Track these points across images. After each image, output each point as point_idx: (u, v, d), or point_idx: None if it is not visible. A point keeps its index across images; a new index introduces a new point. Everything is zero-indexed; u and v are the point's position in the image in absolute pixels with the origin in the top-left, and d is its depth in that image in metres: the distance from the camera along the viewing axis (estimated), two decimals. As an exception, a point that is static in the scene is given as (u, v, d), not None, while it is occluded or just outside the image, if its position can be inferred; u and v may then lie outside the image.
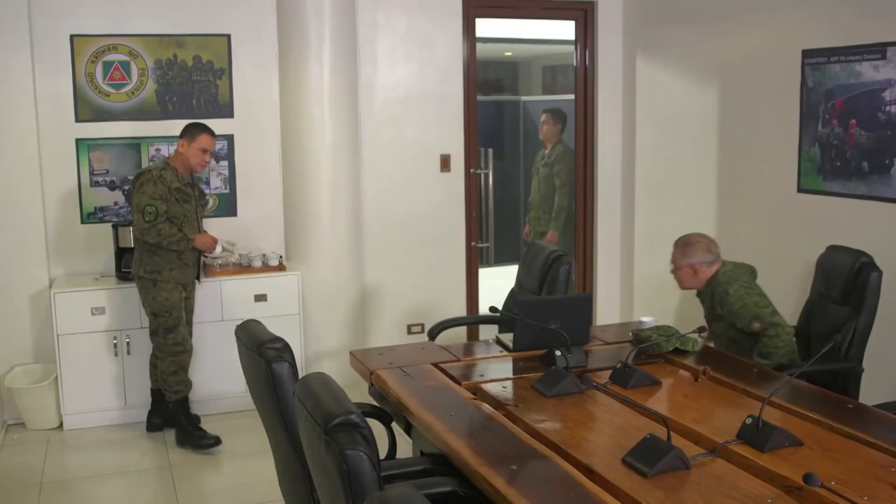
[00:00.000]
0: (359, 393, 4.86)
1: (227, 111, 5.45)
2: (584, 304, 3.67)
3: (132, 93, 5.26)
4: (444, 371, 3.41)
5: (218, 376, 5.13)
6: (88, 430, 4.97)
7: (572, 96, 6.45)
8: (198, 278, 4.92)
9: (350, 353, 3.71)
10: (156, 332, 4.71)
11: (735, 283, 3.83)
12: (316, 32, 5.34)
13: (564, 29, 8.11)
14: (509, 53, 9.99)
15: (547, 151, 6.69)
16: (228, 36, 5.39)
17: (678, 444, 2.54)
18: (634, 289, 6.30)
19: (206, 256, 5.00)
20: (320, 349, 5.57)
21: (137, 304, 4.97)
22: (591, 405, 3.04)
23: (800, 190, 4.89)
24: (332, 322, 5.58)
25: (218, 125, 5.36)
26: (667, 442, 2.52)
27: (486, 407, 3.01)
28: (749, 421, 2.69)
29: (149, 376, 4.94)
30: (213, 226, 5.47)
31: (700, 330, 3.46)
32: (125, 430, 5.00)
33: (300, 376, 2.71)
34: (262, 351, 2.60)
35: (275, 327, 5.11)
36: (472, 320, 5.60)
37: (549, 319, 3.55)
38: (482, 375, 3.37)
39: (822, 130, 4.71)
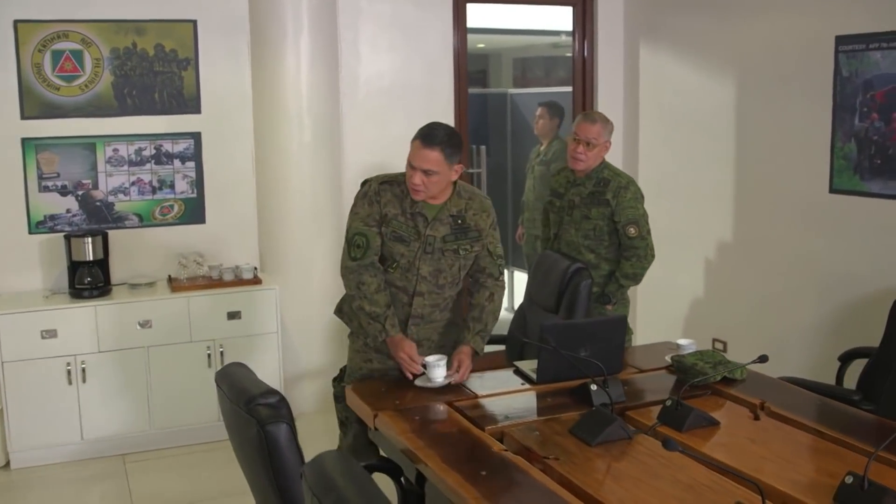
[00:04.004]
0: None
1: (193, 106, 4.87)
2: (618, 327, 3.17)
3: (85, 86, 4.67)
4: (461, 412, 2.89)
5: (184, 405, 4.58)
6: (40, 469, 4.38)
7: (569, 88, 5.97)
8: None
9: (346, 389, 3.18)
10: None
11: (635, 185, 4.07)
12: (293, 18, 4.80)
13: (551, 18, 7.65)
14: (482, 45, 9.58)
15: (543, 148, 6.21)
16: (194, 22, 4.82)
17: (771, 514, 2.05)
18: (638, 298, 5.83)
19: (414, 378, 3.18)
20: (300, 370, 5.03)
21: (94, 324, 4.40)
22: (646, 456, 2.54)
23: (832, 190, 4.44)
24: (314, 340, 5.04)
25: (183, 122, 4.88)
26: (763, 515, 2.02)
27: (521, 461, 2.50)
28: (850, 480, 2.20)
29: None
30: (178, 235, 4.92)
31: (762, 359, 2.97)
32: (82, 467, 4.42)
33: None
34: (252, 409, 2.06)
35: (250, 347, 4.69)
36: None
37: (579, 346, 3.06)
38: (507, 417, 2.85)
39: (859, 125, 4.26)
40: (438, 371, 3.06)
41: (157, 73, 4.79)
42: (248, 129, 5.00)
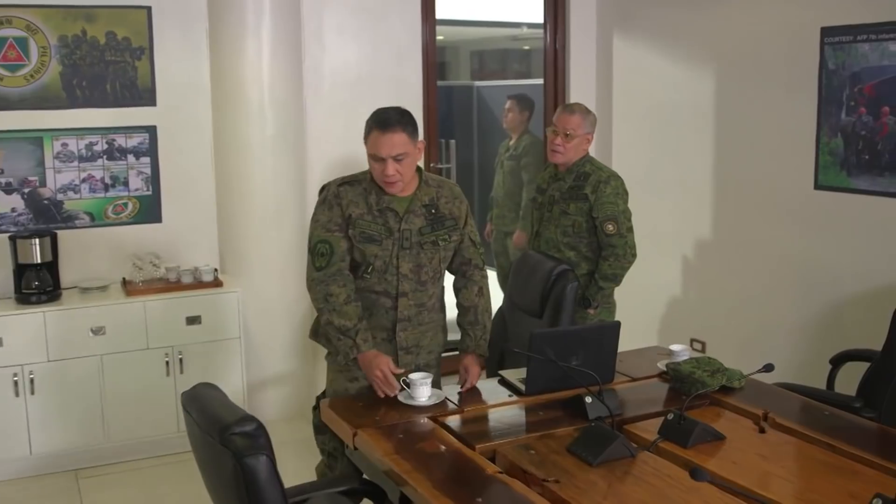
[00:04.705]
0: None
1: (148, 98, 4.59)
2: (611, 334, 2.98)
3: (31, 76, 4.36)
4: (447, 428, 2.68)
5: (141, 416, 4.31)
6: (-16, 488, 4.10)
7: (540, 80, 5.79)
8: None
9: (321, 402, 2.95)
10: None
11: (617, 180, 3.84)
12: (253, 4, 4.53)
13: (514, 9, 7.48)
14: (440, 37, 9.44)
15: (512, 142, 6.03)
16: (148, 8, 4.53)
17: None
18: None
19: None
20: (264, 376, 4.77)
21: (43, 332, 4.10)
22: (652, 476, 2.35)
23: (817, 186, 4.31)
24: (278, 345, 4.79)
25: (137, 115, 4.61)
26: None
27: (518, 485, 2.30)
28: (878, 503, 2.03)
29: None
30: (133, 235, 4.65)
31: (767, 368, 2.81)
32: (31, 485, 4.13)
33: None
34: (227, 439, 1.82)
35: (212, 354, 4.43)
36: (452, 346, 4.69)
37: (570, 354, 2.86)
38: (497, 434, 2.65)
39: (846, 119, 4.12)
40: (423, 390, 2.84)
41: (108, 62, 4.50)
42: (207, 123, 4.72)
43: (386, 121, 2.93)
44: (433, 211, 3.07)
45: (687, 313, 5.19)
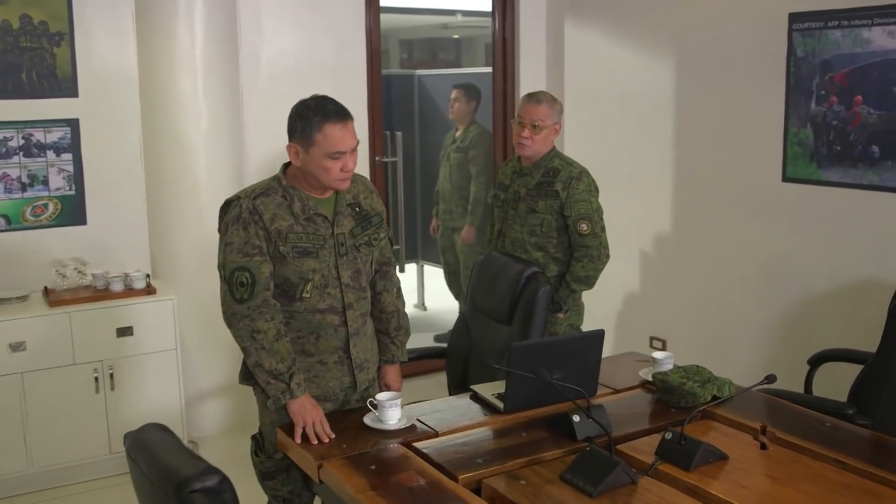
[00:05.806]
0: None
1: (68, 89, 4.20)
2: (595, 344, 2.75)
3: (-65, 64, 3.95)
4: (423, 455, 2.41)
5: (69, 438, 3.94)
6: None
7: (488, 69, 5.54)
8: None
9: (279, 432, 2.64)
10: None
11: (588, 177, 3.60)
12: (185, -14, 4.19)
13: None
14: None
15: (459, 134, 5.77)
16: (68, -11, 4.14)
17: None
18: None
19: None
20: (203, 389, 4.44)
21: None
22: (658, 507, 2.12)
23: (785, 179, 4.15)
24: (217, 355, 4.45)
25: (57, 107, 4.24)
26: None
27: (514, 524, 2.04)
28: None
29: None
30: (54, 239, 4.26)
31: (769, 380, 2.61)
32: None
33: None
34: (185, 497, 1.51)
35: (145, 368, 4.06)
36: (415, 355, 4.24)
37: (552, 367, 2.61)
38: (481, 460, 2.38)
39: (816, 108, 3.97)
40: (393, 412, 2.57)
41: (23, 49, 4.08)
42: (135, 115, 4.36)
43: (339, 112, 2.64)
44: (357, 209, 2.80)
45: (646, 311, 5.00)
